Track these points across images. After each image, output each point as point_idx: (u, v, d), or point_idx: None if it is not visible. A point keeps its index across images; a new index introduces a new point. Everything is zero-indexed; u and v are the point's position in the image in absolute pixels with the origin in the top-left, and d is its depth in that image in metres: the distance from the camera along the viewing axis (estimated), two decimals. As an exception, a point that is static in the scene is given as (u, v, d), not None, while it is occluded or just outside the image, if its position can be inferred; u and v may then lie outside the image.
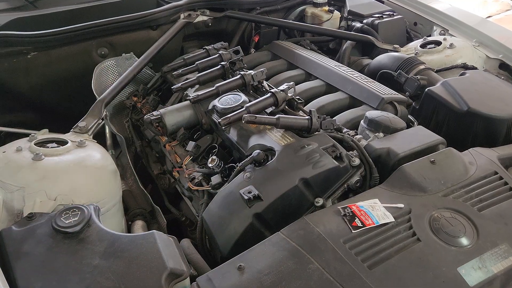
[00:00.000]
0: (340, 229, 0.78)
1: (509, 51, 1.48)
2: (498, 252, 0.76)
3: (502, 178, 0.92)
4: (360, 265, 0.72)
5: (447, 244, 0.77)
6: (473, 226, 0.81)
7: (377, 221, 0.79)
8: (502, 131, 1.11)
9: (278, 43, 1.64)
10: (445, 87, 1.22)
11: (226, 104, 1.17)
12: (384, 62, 1.47)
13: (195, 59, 1.41)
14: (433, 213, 0.83)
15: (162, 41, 1.57)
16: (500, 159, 0.99)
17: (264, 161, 0.98)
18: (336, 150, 0.96)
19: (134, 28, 1.61)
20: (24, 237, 0.79)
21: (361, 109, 1.23)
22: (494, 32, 1.58)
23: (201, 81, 1.28)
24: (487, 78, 1.29)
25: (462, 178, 0.91)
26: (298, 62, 1.51)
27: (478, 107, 1.13)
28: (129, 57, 1.53)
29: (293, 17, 1.89)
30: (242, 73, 1.22)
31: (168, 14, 1.63)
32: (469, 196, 0.87)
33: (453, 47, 1.52)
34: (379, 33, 1.69)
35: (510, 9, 4.58)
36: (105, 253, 0.76)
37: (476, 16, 1.78)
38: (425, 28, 1.80)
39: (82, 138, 1.08)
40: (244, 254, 0.77)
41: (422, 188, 0.88)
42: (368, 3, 1.87)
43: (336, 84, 1.35)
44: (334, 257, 0.73)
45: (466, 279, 0.71)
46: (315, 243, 0.76)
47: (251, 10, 1.81)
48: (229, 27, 1.84)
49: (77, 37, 1.50)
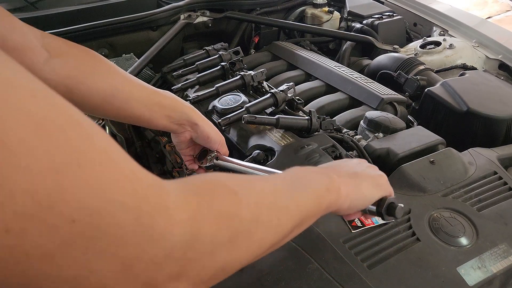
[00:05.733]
0: (340, 229, 0.78)
1: (508, 51, 1.48)
2: (497, 252, 0.76)
3: (501, 178, 0.92)
4: (360, 265, 0.72)
5: (446, 244, 0.77)
6: (472, 226, 0.81)
7: (376, 221, 0.79)
8: (502, 131, 1.11)
9: (278, 44, 1.64)
10: (445, 88, 1.22)
11: (226, 104, 1.17)
12: (384, 62, 1.47)
13: (195, 59, 1.41)
14: (433, 213, 0.83)
15: (162, 42, 1.58)
16: (500, 159, 0.99)
17: (264, 161, 0.98)
18: (336, 150, 0.96)
19: (134, 29, 1.61)
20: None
21: (360, 109, 1.23)
22: (493, 33, 1.58)
23: (201, 81, 1.29)
24: (487, 78, 1.29)
25: (461, 178, 0.91)
26: (298, 62, 1.51)
27: (477, 108, 1.13)
28: (129, 58, 1.54)
29: (293, 18, 1.89)
30: (242, 74, 1.22)
31: (168, 15, 1.64)
32: (469, 196, 0.87)
33: (453, 48, 1.52)
34: (379, 34, 1.69)
35: (510, 10, 4.58)
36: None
37: (476, 17, 1.78)
38: (425, 29, 1.80)
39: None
40: (244, 254, 0.77)
41: (421, 188, 0.88)
42: (368, 3, 1.87)
43: (336, 84, 1.35)
44: (334, 257, 0.73)
45: (466, 279, 0.71)
46: (315, 243, 0.76)
47: (251, 11, 1.81)
48: (229, 28, 1.84)
49: (77, 38, 1.50)
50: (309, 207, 0.53)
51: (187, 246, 0.33)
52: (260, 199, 0.44)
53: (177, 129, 0.88)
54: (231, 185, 0.42)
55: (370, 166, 0.70)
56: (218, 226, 0.37)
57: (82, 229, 0.27)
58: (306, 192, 0.53)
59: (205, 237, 0.35)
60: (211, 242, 0.36)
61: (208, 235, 0.36)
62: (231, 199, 0.40)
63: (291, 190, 0.51)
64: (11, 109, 0.24)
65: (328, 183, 0.57)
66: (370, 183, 0.65)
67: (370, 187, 0.65)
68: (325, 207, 0.56)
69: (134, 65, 1.46)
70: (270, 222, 0.45)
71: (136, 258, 0.30)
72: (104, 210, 0.27)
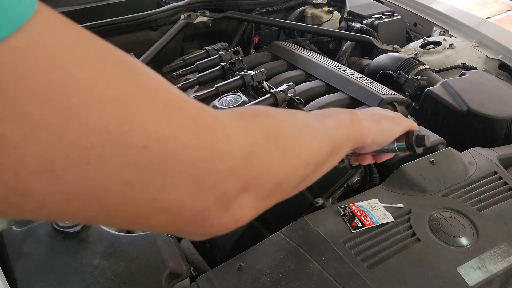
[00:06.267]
0: (340, 229, 0.78)
1: (509, 51, 1.48)
2: (497, 252, 0.76)
3: (501, 178, 0.92)
4: (360, 265, 0.72)
5: (446, 244, 0.77)
6: (472, 226, 0.81)
7: (376, 221, 0.79)
8: (502, 131, 1.11)
9: (278, 44, 1.64)
10: (445, 88, 1.22)
11: (226, 104, 1.17)
12: (384, 62, 1.47)
13: (195, 59, 1.41)
14: (433, 213, 0.83)
15: (162, 42, 1.58)
16: (500, 159, 0.99)
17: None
18: (336, 150, 0.96)
19: (134, 29, 1.61)
20: (25, 237, 0.80)
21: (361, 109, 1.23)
22: (494, 33, 1.58)
23: (201, 81, 1.29)
24: (487, 78, 1.29)
25: (461, 178, 0.91)
26: (298, 62, 1.51)
27: (477, 108, 1.13)
28: (129, 58, 1.54)
29: (293, 18, 1.89)
30: (242, 74, 1.22)
31: (168, 15, 1.64)
32: (469, 196, 0.87)
33: (453, 48, 1.52)
34: (379, 34, 1.69)
35: (510, 9, 4.58)
36: (105, 253, 0.77)
37: (476, 17, 1.78)
38: (425, 29, 1.80)
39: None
40: (244, 254, 0.77)
41: (421, 188, 0.88)
42: (368, 3, 1.87)
43: (336, 84, 1.35)
44: (334, 257, 0.73)
45: (466, 279, 0.71)
46: (315, 243, 0.76)
47: (251, 11, 1.81)
48: (229, 28, 1.84)
49: (77, 38, 1.50)
50: (339, 135, 0.56)
51: (247, 161, 0.36)
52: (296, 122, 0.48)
53: None
54: (270, 111, 0.45)
55: (386, 110, 0.74)
56: (268, 143, 0.40)
57: (153, 153, 0.29)
58: (334, 121, 0.56)
59: (259, 153, 0.38)
60: (265, 157, 0.39)
61: (262, 151, 0.39)
62: (273, 121, 0.43)
63: (321, 118, 0.54)
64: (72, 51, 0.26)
65: (352, 116, 0.60)
66: (390, 120, 0.69)
67: (390, 123, 0.68)
68: (352, 136, 0.59)
69: (134, 65, 1.46)
70: (310, 141, 0.48)
71: (204, 174, 0.33)
72: (169, 134, 0.30)
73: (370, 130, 0.62)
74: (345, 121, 0.58)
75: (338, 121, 0.57)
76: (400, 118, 0.71)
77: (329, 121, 0.55)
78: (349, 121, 0.59)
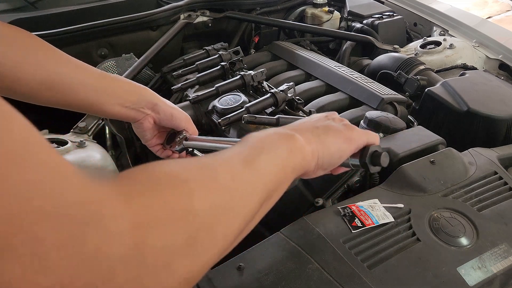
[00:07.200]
0: (340, 229, 0.78)
1: (509, 51, 1.48)
2: (497, 252, 0.76)
3: (501, 178, 0.92)
4: (360, 265, 0.72)
5: (446, 244, 0.77)
6: (472, 226, 0.81)
7: (376, 221, 0.79)
8: (502, 131, 1.11)
9: (278, 44, 1.64)
10: (445, 87, 1.22)
11: (226, 104, 1.17)
12: (384, 62, 1.47)
13: (195, 59, 1.41)
14: (433, 213, 0.83)
15: (162, 42, 1.58)
16: (500, 159, 0.99)
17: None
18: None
19: (134, 28, 1.61)
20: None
21: (361, 109, 1.23)
22: (494, 33, 1.58)
23: (201, 81, 1.29)
24: (487, 78, 1.29)
25: (461, 178, 0.91)
26: (298, 62, 1.51)
27: (478, 107, 1.13)
28: (129, 58, 1.54)
29: (293, 18, 1.89)
30: (242, 74, 1.22)
31: (168, 15, 1.64)
32: (469, 196, 0.87)
33: (453, 48, 1.52)
34: (379, 34, 1.69)
35: (510, 9, 4.58)
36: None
37: (476, 17, 1.78)
38: (425, 29, 1.80)
39: (82, 139, 1.08)
40: (244, 254, 0.77)
41: (421, 188, 0.88)
42: (368, 3, 1.87)
43: (336, 84, 1.35)
44: (334, 257, 0.73)
45: (466, 279, 0.71)
46: (315, 243, 0.76)
47: (251, 11, 1.81)
48: (229, 28, 1.84)
49: (77, 38, 1.50)
50: (273, 176, 0.48)
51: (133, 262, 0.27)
52: (216, 183, 0.38)
53: (136, 116, 0.79)
54: (178, 173, 0.36)
55: (336, 119, 0.64)
56: (170, 229, 0.31)
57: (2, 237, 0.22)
58: (267, 160, 0.47)
59: (154, 247, 0.29)
60: (164, 251, 0.30)
61: (159, 244, 0.30)
62: (181, 191, 0.34)
63: (250, 161, 0.45)
64: None
65: (290, 144, 0.52)
66: (337, 137, 0.59)
67: (337, 142, 0.59)
68: (291, 171, 0.52)
69: (134, 65, 1.46)
70: (233, 206, 0.39)
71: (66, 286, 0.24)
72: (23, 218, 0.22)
73: (313, 154, 0.55)
74: (281, 155, 0.51)
75: (273, 157, 0.49)
76: (353, 134, 0.61)
77: (261, 162, 0.47)
78: (287, 152, 0.51)
